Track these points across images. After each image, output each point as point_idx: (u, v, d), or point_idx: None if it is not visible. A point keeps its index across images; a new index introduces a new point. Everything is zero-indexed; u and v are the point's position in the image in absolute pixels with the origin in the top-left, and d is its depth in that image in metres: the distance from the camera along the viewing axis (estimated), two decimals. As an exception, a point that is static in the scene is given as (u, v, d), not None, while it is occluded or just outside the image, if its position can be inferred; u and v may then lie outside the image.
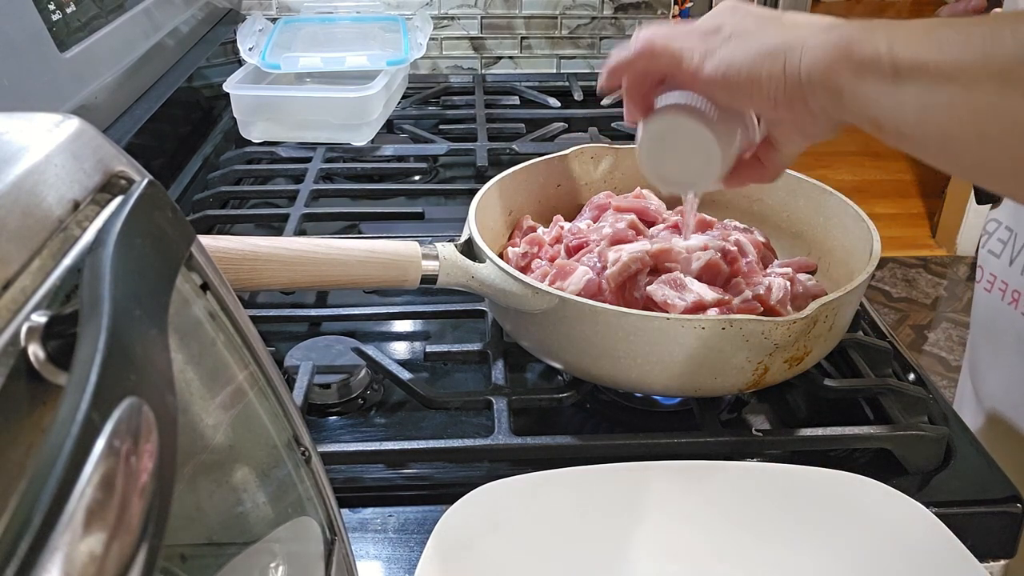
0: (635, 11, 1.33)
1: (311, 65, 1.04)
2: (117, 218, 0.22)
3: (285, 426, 0.33)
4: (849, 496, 0.51)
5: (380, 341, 0.70)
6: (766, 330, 0.51)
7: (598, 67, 1.35)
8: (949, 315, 2.44)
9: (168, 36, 0.98)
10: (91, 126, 0.25)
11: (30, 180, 0.21)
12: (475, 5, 1.30)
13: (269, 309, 0.72)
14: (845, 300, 0.55)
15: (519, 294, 0.56)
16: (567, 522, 0.49)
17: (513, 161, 0.75)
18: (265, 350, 0.32)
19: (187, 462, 0.29)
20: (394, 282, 0.59)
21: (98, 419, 0.16)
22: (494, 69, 1.35)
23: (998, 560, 0.54)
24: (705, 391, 0.56)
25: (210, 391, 0.29)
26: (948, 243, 2.77)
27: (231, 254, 0.54)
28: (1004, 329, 0.77)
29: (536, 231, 0.68)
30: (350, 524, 0.53)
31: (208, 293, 0.28)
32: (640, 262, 0.59)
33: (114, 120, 0.80)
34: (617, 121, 1.10)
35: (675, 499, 0.51)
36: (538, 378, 0.66)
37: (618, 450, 0.55)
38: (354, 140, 1.01)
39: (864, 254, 0.61)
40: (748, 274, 0.61)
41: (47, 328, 0.19)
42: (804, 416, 0.63)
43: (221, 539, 0.32)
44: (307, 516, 0.34)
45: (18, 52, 0.65)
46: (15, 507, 0.15)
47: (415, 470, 0.58)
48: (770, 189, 0.73)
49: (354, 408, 0.63)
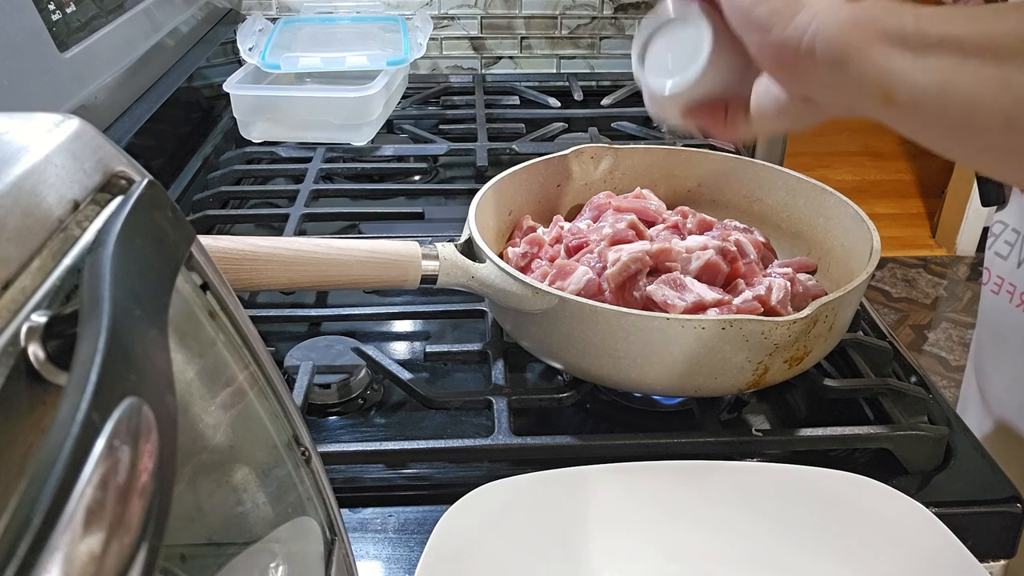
0: (635, 11, 1.33)
1: (311, 65, 1.04)
2: (117, 218, 0.22)
3: (285, 426, 0.33)
4: (849, 496, 0.51)
5: (380, 341, 0.70)
6: (766, 330, 0.51)
7: (598, 67, 1.35)
8: (949, 315, 2.45)
9: (168, 36, 0.98)
10: (91, 126, 0.25)
11: (30, 180, 0.21)
12: (475, 5, 1.30)
13: (269, 309, 0.72)
14: (845, 300, 0.55)
15: (519, 294, 0.56)
16: (567, 522, 0.49)
17: (513, 161, 0.75)
18: (265, 350, 0.32)
19: (187, 462, 0.29)
20: (394, 282, 0.59)
21: (98, 419, 0.16)
22: (494, 69, 1.35)
23: (998, 560, 0.54)
24: (705, 391, 0.56)
25: (210, 391, 0.29)
26: (948, 243, 2.77)
27: (231, 254, 0.54)
28: (1011, 332, 0.76)
29: (536, 231, 0.68)
30: (350, 524, 0.53)
31: (208, 293, 0.28)
32: (640, 262, 0.59)
33: (114, 120, 0.80)
34: (617, 121, 1.10)
35: (675, 499, 0.51)
36: (538, 378, 0.66)
37: (618, 450, 0.55)
38: (354, 140, 1.01)
39: (864, 254, 0.61)
40: (748, 274, 0.61)
41: (47, 328, 0.19)
42: (804, 416, 0.63)
43: (221, 539, 0.32)
44: (307, 516, 0.34)
45: (18, 52, 0.65)
46: (15, 507, 0.15)
47: (415, 470, 0.58)
48: (770, 189, 0.73)
49: (354, 408, 0.63)
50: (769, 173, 0.73)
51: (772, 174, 0.73)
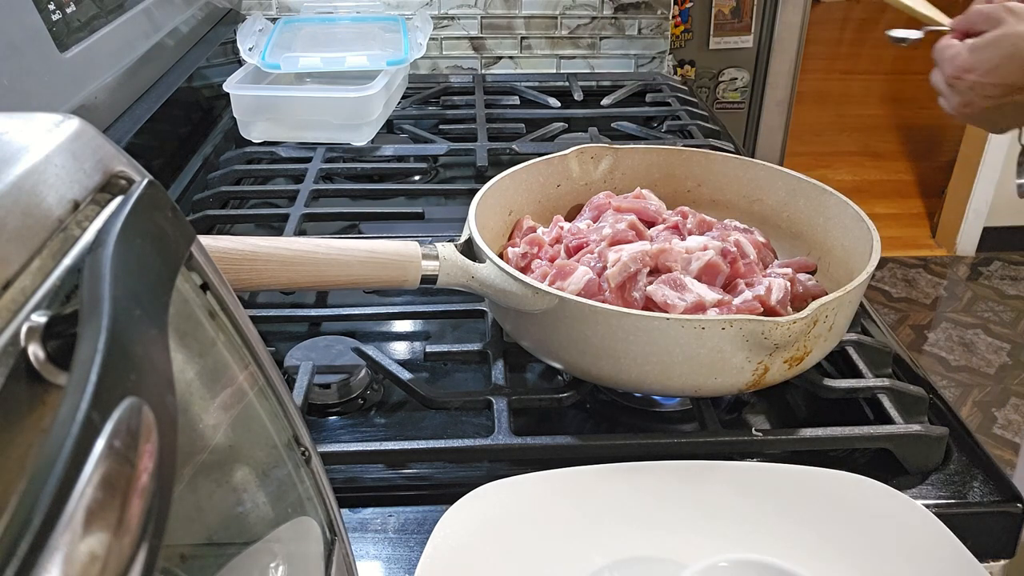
0: (635, 11, 1.33)
1: (311, 65, 1.04)
2: (117, 218, 0.22)
3: (285, 426, 0.33)
4: (849, 496, 0.51)
5: (380, 341, 0.70)
6: (766, 330, 0.51)
7: (598, 67, 1.35)
8: (949, 315, 2.45)
9: (168, 36, 0.98)
10: (91, 126, 0.25)
11: (30, 180, 0.21)
12: (475, 5, 1.30)
13: (269, 309, 0.72)
14: (845, 300, 0.55)
15: (519, 294, 0.56)
16: (567, 522, 0.49)
17: (513, 161, 0.75)
18: (265, 350, 0.32)
19: (187, 462, 0.29)
20: (394, 282, 0.59)
21: (98, 419, 0.16)
22: (494, 69, 1.35)
23: (998, 560, 0.54)
24: (705, 391, 0.56)
25: (210, 391, 0.29)
26: (948, 243, 2.77)
27: (231, 254, 0.54)
28: None
29: (536, 231, 0.68)
30: (350, 524, 0.53)
31: (208, 293, 0.28)
32: (640, 262, 0.59)
33: (114, 120, 0.80)
34: (617, 121, 1.10)
35: (675, 499, 0.51)
36: (538, 378, 0.66)
37: (618, 450, 0.55)
38: (354, 140, 1.01)
39: (864, 254, 0.61)
40: (748, 274, 0.61)
41: (47, 328, 0.19)
42: (804, 416, 0.63)
43: (221, 539, 0.32)
44: (307, 516, 0.34)
45: (18, 52, 0.65)
46: (15, 507, 0.15)
47: (415, 470, 0.58)
48: (770, 189, 0.73)
49: (354, 408, 0.63)
50: (769, 173, 0.73)
51: (772, 174, 0.73)
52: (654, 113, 1.15)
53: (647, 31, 1.34)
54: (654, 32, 1.35)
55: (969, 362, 2.24)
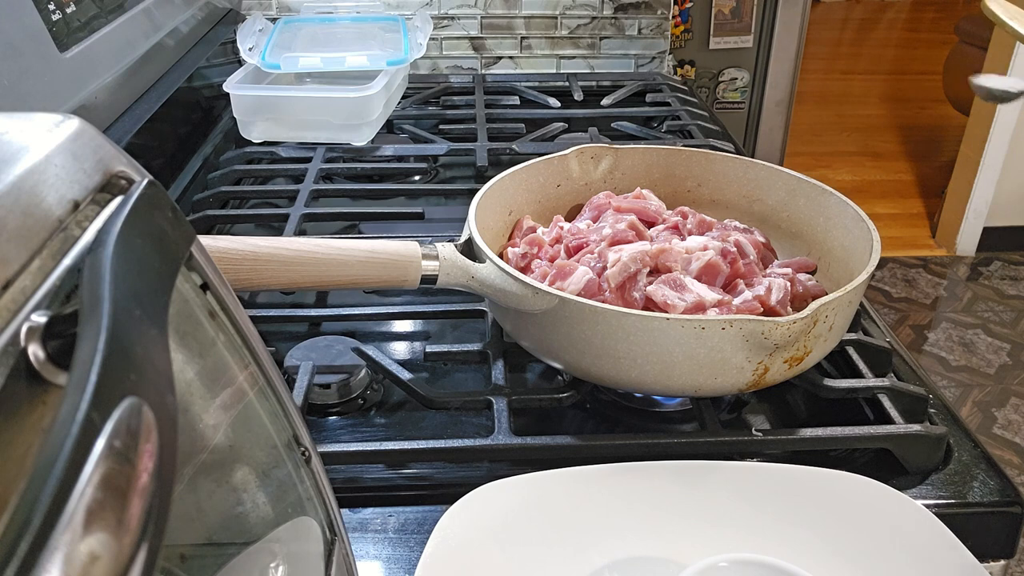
0: (635, 11, 1.33)
1: (311, 65, 1.04)
2: (117, 218, 0.22)
3: (285, 426, 0.33)
4: (849, 496, 0.51)
5: (380, 341, 0.70)
6: (766, 330, 0.51)
7: (598, 67, 1.35)
8: (949, 315, 2.45)
9: (168, 36, 0.98)
10: (91, 126, 0.25)
11: (30, 180, 0.21)
12: (475, 5, 1.30)
13: (269, 309, 0.72)
14: (845, 300, 0.55)
15: (519, 294, 0.56)
16: (567, 522, 0.49)
17: (513, 161, 0.75)
18: (265, 350, 0.32)
19: (187, 462, 0.29)
20: (394, 282, 0.59)
21: (98, 419, 0.16)
22: (494, 69, 1.35)
23: (998, 560, 0.54)
24: (705, 391, 0.56)
25: (210, 391, 0.29)
26: (948, 243, 2.77)
27: (231, 254, 0.54)
28: None
29: (536, 231, 0.68)
30: (350, 524, 0.53)
31: (208, 293, 0.28)
32: (640, 262, 0.59)
33: (114, 120, 0.80)
34: (617, 121, 1.10)
35: (675, 499, 0.51)
36: (538, 378, 0.66)
37: (618, 450, 0.55)
38: (354, 140, 1.01)
39: (864, 254, 0.61)
40: (748, 274, 0.61)
41: (47, 328, 0.19)
42: (804, 416, 0.63)
43: (221, 539, 0.32)
44: (307, 516, 0.34)
45: (18, 52, 0.65)
46: (15, 507, 0.15)
47: (415, 470, 0.58)
48: (770, 189, 0.73)
49: (354, 408, 0.63)
50: (769, 173, 0.73)
51: (772, 174, 0.73)
52: (654, 113, 1.15)
53: (647, 31, 1.34)
54: (654, 32, 1.35)
55: (969, 362, 2.24)
